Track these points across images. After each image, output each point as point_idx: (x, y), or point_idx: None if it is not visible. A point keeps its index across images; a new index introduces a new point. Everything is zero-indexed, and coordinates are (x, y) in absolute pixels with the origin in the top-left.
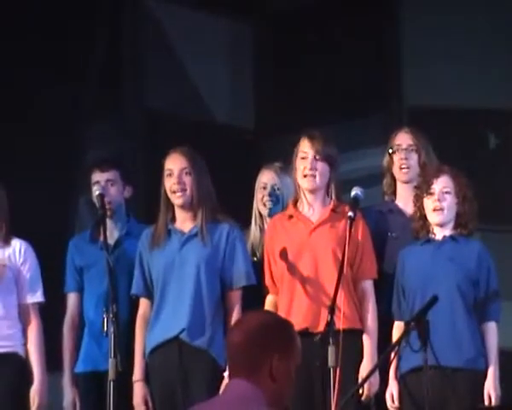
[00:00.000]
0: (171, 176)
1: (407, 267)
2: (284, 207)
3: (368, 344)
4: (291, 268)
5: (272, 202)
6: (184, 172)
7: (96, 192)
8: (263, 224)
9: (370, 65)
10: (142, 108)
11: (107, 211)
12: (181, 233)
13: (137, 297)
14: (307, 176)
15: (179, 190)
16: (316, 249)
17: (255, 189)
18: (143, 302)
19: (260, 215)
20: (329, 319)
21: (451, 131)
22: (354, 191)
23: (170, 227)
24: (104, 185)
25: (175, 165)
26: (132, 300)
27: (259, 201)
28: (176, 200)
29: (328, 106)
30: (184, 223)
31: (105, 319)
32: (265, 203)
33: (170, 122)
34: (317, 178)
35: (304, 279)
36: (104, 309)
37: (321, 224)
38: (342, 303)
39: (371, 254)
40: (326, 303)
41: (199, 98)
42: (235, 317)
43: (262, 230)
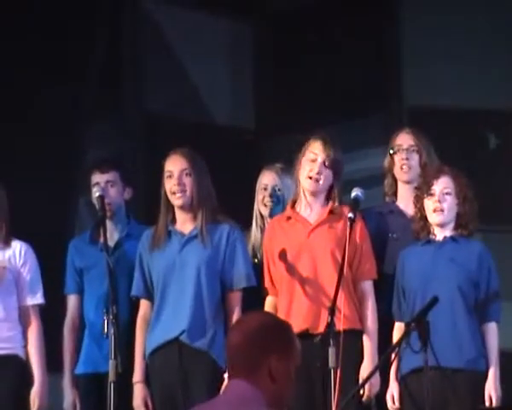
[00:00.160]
0: (171, 177)
1: (407, 268)
2: (285, 208)
3: (368, 345)
4: (290, 269)
5: (273, 203)
6: (184, 173)
7: (96, 194)
8: (264, 225)
9: (370, 65)
10: (141, 109)
11: (107, 212)
12: (181, 235)
13: (137, 299)
14: (312, 178)
15: (179, 192)
16: (314, 251)
17: (256, 190)
18: (143, 304)
19: (261, 216)
20: (330, 320)
21: (451, 131)
22: (354, 192)
23: (170, 229)
24: (104, 187)
25: (175, 166)
26: (132, 301)
27: (260, 202)
28: (176, 201)
29: (328, 106)
30: (184, 224)
31: (105, 321)
32: (266, 204)
33: (170, 123)
34: (321, 182)
35: (303, 280)
36: (104, 311)
37: (319, 225)
38: (342, 304)
39: (370, 254)
40: (326, 304)
41: (199, 99)
42: (235, 318)
43: (263, 231)
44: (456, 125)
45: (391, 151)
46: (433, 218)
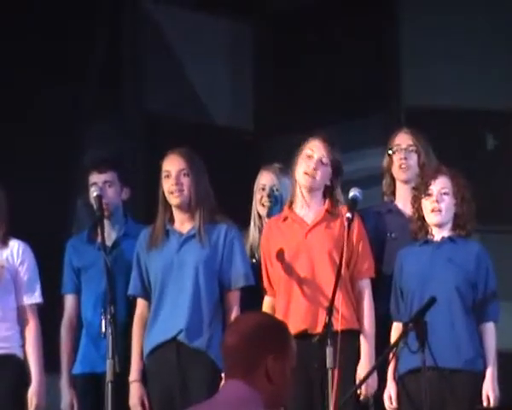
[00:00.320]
0: (168, 177)
1: (405, 268)
2: (283, 208)
3: (365, 344)
4: (288, 270)
5: (271, 203)
6: (182, 173)
7: (94, 194)
8: (262, 225)
9: (370, 65)
10: (141, 109)
11: (104, 212)
12: (179, 234)
13: (134, 298)
14: (308, 174)
15: (177, 191)
16: (312, 251)
17: (254, 190)
18: (141, 303)
19: (259, 216)
20: (327, 321)
21: (450, 131)
22: (352, 192)
23: (168, 228)
24: (102, 187)
25: (173, 166)
26: (130, 301)
27: (258, 202)
28: (173, 200)
29: (328, 106)
30: (182, 224)
31: (103, 321)
32: (264, 204)
33: (169, 123)
34: (317, 178)
35: (301, 281)
36: (102, 310)
37: (316, 225)
38: (340, 305)
39: (368, 253)
40: (324, 304)
41: (198, 99)
42: (233, 318)
43: (261, 231)
44: (454, 125)
45: (389, 151)
46: (431, 218)
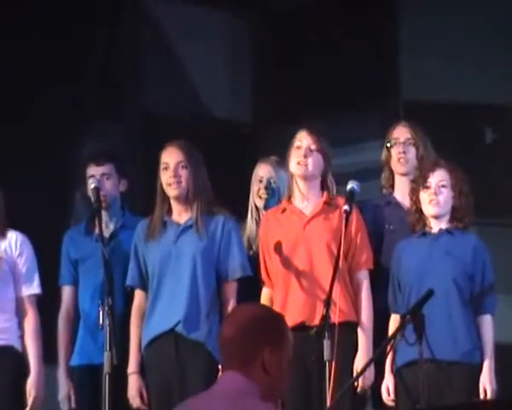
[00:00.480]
0: (167, 169)
1: (403, 261)
2: (280, 200)
3: (363, 336)
4: (286, 262)
5: (268, 195)
6: (180, 165)
7: (92, 186)
8: (259, 217)
9: (370, 65)
10: (141, 108)
11: (102, 204)
12: (176, 225)
13: (132, 289)
14: (300, 163)
15: (175, 183)
16: (310, 243)
17: (251, 182)
18: (138, 294)
19: (256, 208)
20: (325, 313)
21: (449, 125)
22: (350, 185)
23: (165, 219)
24: (99, 179)
25: (171, 158)
26: (128, 292)
27: (255, 194)
28: (171, 192)
29: (327, 104)
30: (180, 215)
31: (100, 312)
32: (261, 196)
33: (169, 119)
34: (310, 165)
35: (299, 273)
36: (100, 302)
37: (314, 216)
38: (338, 297)
39: (366, 244)
40: (321, 297)
41: (198, 94)
42: (230, 309)
43: (258, 223)
44: (453, 119)
45: (388, 144)
46: (429, 210)
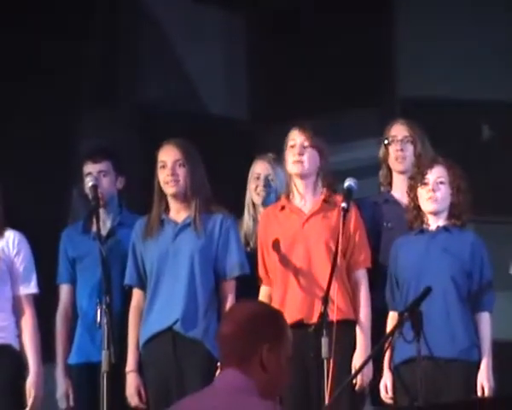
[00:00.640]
0: (164, 168)
1: (401, 258)
2: (277, 197)
3: (361, 334)
4: (284, 260)
5: (266, 193)
6: (178, 163)
7: (89, 183)
8: (256, 214)
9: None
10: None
11: (100, 202)
12: (174, 223)
13: (130, 288)
14: (296, 162)
15: (172, 181)
16: (309, 241)
17: (248, 179)
18: (136, 293)
19: (253, 205)
20: (323, 311)
21: (446, 123)
22: (347, 182)
23: (163, 217)
24: (97, 176)
25: (168, 156)
26: (125, 291)
27: (253, 191)
28: (169, 190)
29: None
30: (178, 213)
31: (98, 311)
32: (259, 193)
33: (165, 113)
34: (306, 163)
35: (297, 271)
36: (97, 300)
37: (313, 214)
38: (335, 295)
39: (365, 243)
40: (320, 295)
41: (194, 89)
42: (228, 307)
43: (255, 220)
44: (450, 116)
45: (385, 142)
46: (427, 206)
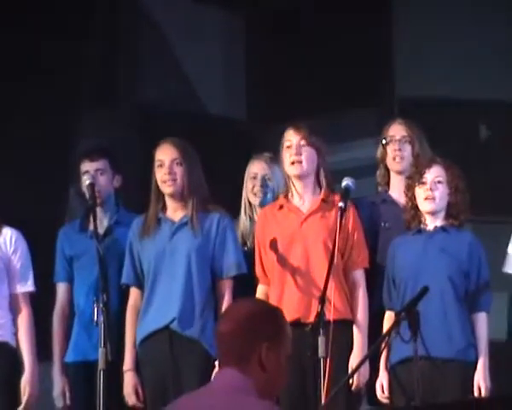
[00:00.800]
0: (161, 166)
1: (398, 258)
2: (275, 197)
3: (358, 334)
4: (281, 259)
5: (263, 192)
6: (175, 162)
7: (86, 182)
8: (252, 213)
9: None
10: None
11: (97, 200)
12: (171, 222)
13: (127, 287)
14: (294, 162)
15: (170, 180)
16: (307, 240)
17: (245, 178)
18: (134, 292)
19: (250, 205)
20: (319, 310)
21: (443, 122)
22: (345, 182)
23: (160, 216)
24: (94, 175)
25: (166, 156)
26: (123, 289)
27: (249, 190)
28: (166, 189)
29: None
30: (175, 212)
31: (95, 309)
32: (256, 193)
33: (165, 113)
34: (304, 163)
35: (295, 270)
36: (94, 299)
37: (311, 214)
38: (332, 294)
39: (362, 243)
40: (317, 294)
41: (192, 89)
42: (225, 306)
43: (252, 219)
44: (448, 116)
45: (383, 142)
46: (425, 206)
